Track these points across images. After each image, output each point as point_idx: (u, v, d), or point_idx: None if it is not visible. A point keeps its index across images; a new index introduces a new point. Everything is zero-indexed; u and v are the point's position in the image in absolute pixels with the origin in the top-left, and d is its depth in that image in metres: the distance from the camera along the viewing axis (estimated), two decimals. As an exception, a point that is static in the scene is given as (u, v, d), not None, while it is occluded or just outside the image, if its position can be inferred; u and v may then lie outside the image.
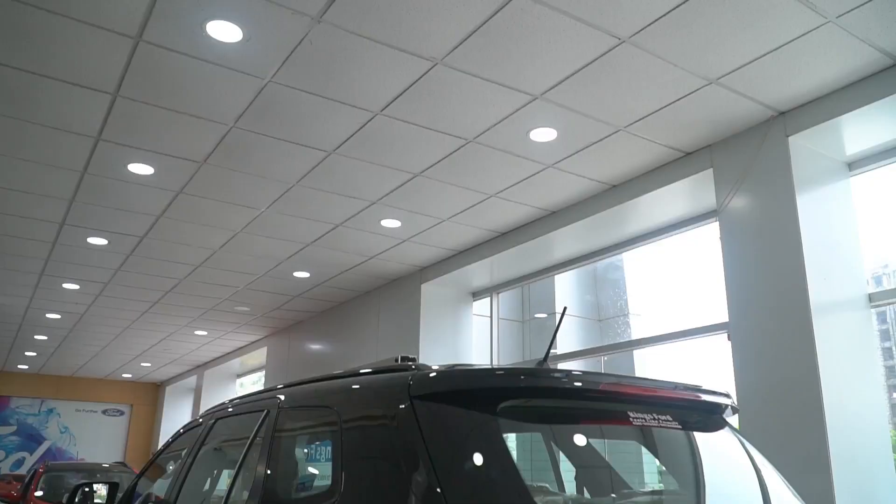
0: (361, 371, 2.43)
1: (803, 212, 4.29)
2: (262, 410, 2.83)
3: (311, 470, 2.37)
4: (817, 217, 4.37)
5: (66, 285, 8.58)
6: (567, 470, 2.42)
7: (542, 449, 2.34)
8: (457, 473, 1.78)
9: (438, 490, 1.71)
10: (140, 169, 5.34)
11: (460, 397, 1.95)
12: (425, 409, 1.92)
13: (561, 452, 2.30)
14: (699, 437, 2.34)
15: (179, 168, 5.32)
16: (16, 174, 5.46)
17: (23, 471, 14.55)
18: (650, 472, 2.50)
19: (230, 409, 3.30)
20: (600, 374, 2.14)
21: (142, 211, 6.20)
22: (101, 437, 16.91)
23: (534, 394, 2.03)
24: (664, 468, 2.39)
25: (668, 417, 2.20)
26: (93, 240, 6.94)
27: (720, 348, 5.11)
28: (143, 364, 14.61)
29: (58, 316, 10.21)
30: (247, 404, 3.11)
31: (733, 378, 4.56)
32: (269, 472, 2.50)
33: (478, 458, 1.84)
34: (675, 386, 2.27)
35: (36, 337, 11.79)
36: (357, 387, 2.31)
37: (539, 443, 2.24)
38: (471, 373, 2.05)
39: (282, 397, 2.75)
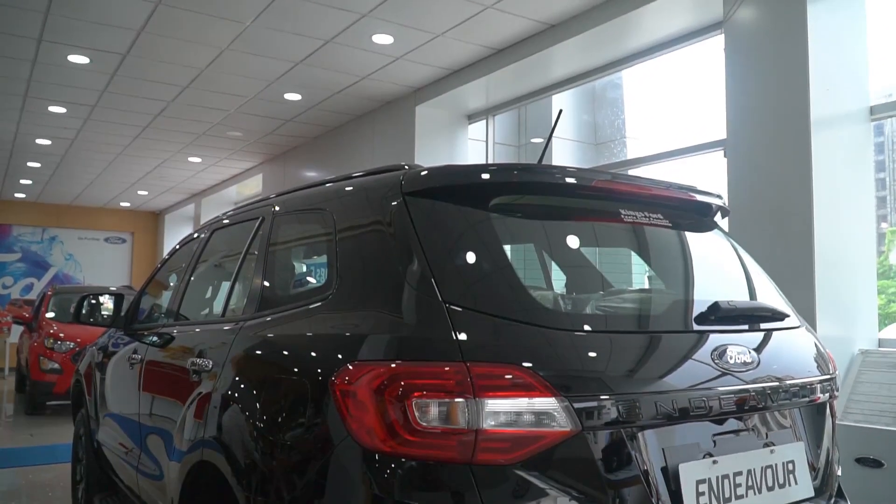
0: (354, 175, 2.42)
1: (813, 20, 4.09)
2: (258, 218, 2.85)
3: (308, 270, 2.42)
4: (827, 26, 4.18)
5: (52, 108, 8.37)
6: (557, 274, 2.46)
7: (532, 250, 2.37)
8: (449, 265, 1.81)
9: (432, 280, 1.74)
10: (114, -23, 5.02)
11: (453, 193, 1.94)
12: (417, 206, 1.92)
13: (552, 252, 2.34)
14: (689, 237, 2.37)
15: (156, -24, 5.00)
16: (-17, -17, 5.14)
17: (32, 296, 15.03)
18: (639, 275, 2.55)
19: (226, 221, 3.33)
20: (594, 170, 2.13)
21: (121, 25, 5.91)
22: (105, 264, 17.31)
23: (526, 189, 2.02)
24: (654, 272, 2.44)
25: (660, 216, 2.21)
26: (74, 58, 6.67)
27: (716, 167, 5.10)
28: (140, 192, 14.64)
29: (48, 142, 10.06)
30: (242, 213, 3.13)
31: (727, 196, 4.58)
32: (265, 275, 2.56)
33: (470, 251, 1.87)
34: (668, 185, 2.27)
35: (29, 164, 11.70)
36: (350, 188, 2.31)
37: (530, 243, 2.26)
38: (463, 168, 2.03)
39: (276, 204, 2.76)
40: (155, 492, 2.93)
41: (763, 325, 2.14)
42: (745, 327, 2.07)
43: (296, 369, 1.98)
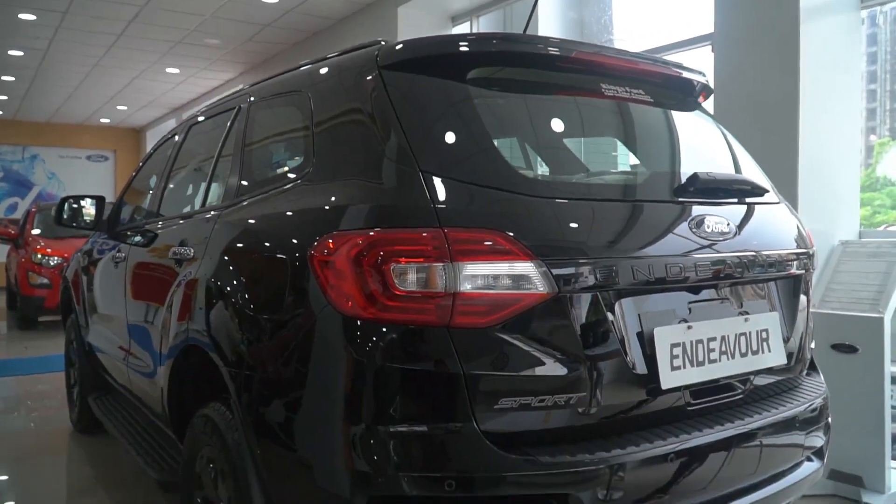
0: (329, 56, 2.35)
1: None
2: (234, 108, 2.80)
3: (286, 153, 2.39)
4: None
5: (22, 15, 8.05)
6: (536, 147, 2.41)
7: (511, 122, 2.32)
8: (426, 136, 1.79)
9: (409, 151, 1.73)
10: None
11: (430, 65, 1.90)
12: (393, 79, 1.89)
13: (532, 126, 2.30)
14: (671, 114, 2.34)
15: None
16: None
17: (17, 216, 14.90)
18: (623, 156, 2.52)
19: (201, 117, 3.28)
20: (575, 42, 2.07)
21: (86, -79, 5.62)
22: (88, 183, 17.08)
23: (506, 61, 1.97)
24: (635, 146, 2.40)
25: (641, 92, 2.18)
26: (39, -41, 6.38)
27: (703, 63, 5.00)
28: (119, 107, 14.32)
29: (20, 53, 9.74)
30: (217, 106, 3.07)
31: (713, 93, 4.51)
32: (244, 164, 2.54)
33: (447, 122, 1.84)
34: (651, 59, 2.23)
35: (3, 78, 11.37)
36: (325, 68, 2.25)
37: (509, 115, 2.22)
38: (440, 39, 1.98)
39: (251, 94, 2.71)
40: (146, 383, 2.98)
41: (742, 199, 2.15)
42: (724, 199, 2.08)
43: (275, 246, 1.98)
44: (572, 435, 1.67)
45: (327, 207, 1.85)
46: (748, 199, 2.16)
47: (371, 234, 1.63)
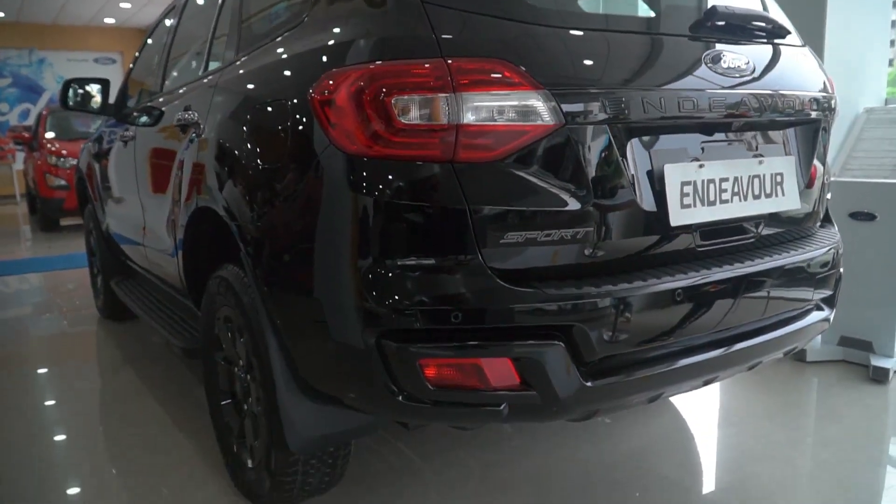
0: None
1: None
2: (232, -30, 2.70)
3: (282, 4, 2.30)
4: None
5: None
6: None
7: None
8: None
9: None
10: None
11: None
12: None
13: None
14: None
15: None
16: None
17: (31, 122, 14.83)
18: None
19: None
20: None
21: None
22: (98, 86, 16.90)
23: None
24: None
25: None
26: None
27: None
28: (122, 5, 13.97)
29: (15, -54, 9.44)
30: (216, -30, 2.96)
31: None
32: (241, 21, 2.48)
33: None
34: None
35: (1, -25, 11.09)
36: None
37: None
38: None
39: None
40: (163, 258, 3.02)
41: (762, 38, 2.05)
42: (744, 36, 1.98)
43: (274, 93, 1.94)
44: (579, 272, 1.66)
45: (324, 48, 1.79)
46: (769, 39, 2.06)
47: (371, 67, 1.58)
